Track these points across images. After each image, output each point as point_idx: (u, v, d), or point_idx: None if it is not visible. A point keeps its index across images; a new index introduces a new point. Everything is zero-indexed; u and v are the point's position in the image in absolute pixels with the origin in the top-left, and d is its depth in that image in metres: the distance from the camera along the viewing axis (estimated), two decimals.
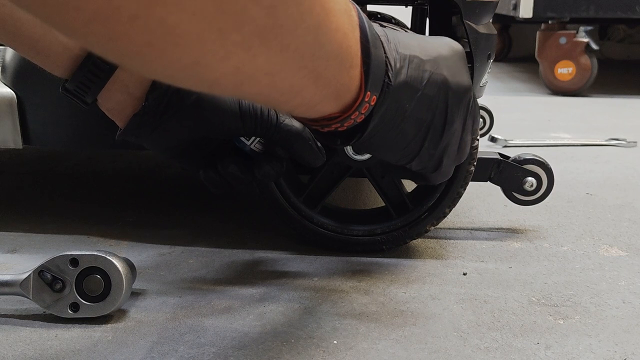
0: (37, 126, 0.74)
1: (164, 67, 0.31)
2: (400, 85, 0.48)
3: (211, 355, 0.54)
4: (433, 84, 0.51)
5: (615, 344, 0.57)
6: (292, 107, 0.43)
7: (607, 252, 0.78)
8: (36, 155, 1.24)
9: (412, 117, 0.51)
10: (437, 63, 0.51)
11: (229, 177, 0.59)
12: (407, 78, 0.49)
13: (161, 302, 0.63)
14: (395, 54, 0.48)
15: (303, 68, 0.37)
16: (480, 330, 0.59)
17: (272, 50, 0.33)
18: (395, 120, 0.50)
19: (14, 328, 0.58)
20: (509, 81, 2.60)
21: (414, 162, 0.55)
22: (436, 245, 0.80)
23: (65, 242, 0.79)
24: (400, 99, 0.49)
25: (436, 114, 0.52)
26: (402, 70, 0.48)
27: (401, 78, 0.48)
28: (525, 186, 0.80)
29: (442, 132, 0.53)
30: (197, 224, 0.86)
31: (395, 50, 0.48)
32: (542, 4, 2.06)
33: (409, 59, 0.49)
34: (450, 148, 0.55)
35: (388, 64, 0.47)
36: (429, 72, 0.50)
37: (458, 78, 0.53)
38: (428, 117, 0.52)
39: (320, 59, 0.38)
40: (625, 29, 3.13)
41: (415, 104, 0.50)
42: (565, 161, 1.26)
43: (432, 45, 0.53)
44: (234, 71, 0.33)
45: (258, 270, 0.72)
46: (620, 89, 2.39)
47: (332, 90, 0.42)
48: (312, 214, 0.75)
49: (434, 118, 0.52)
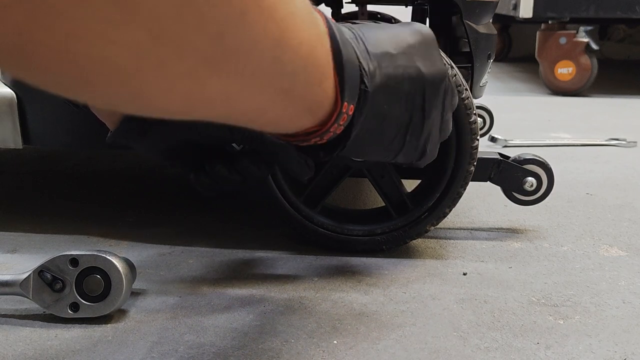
0: (37, 126, 0.74)
1: (102, 98, 0.29)
2: (377, 89, 0.47)
3: (211, 355, 0.54)
4: (407, 79, 0.50)
5: (615, 344, 0.57)
6: (260, 125, 0.41)
7: (607, 252, 0.78)
8: (36, 155, 1.24)
9: (391, 116, 0.50)
10: (409, 55, 0.50)
11: (217, 178, 0.59)
12: (383, 79, 0.48)
13: (161, 302, 0.63)
14: (367, 55, 0.47)
15: (266, 88, 0.35)
16: (480, 330, 0.59)
17: (225, 77, 0.31)
18: (375, 123, 0.49)
19: (14, 328, 0.58)
20: (509, 81, 2.60)
21: (398, 157, 0.54)
22: (436, 245, 0.80)
23: (65, 242, 0.79)
24: (379, 102, 0.48)
25: (415, 110, 0.51)
26: (376, 72, 0.47)
27: (377, 81, 0.47)
28: (526, 186, 0.80)
29: (422, 125, 0.53)
30: (197, 224, 0.86)
31: (366, 51, 0.47)
32: (542, 4, 2.06)
33: (381, 58, 0.48)
34: (432, 135, 0.54)
35: (362, 69, 0.46)
36: (402, 67, 0.49)
37: (432, 67, 0.51)
38: (407, 116, 0.51)
39: (285, 75, 0.36)
40: (625, 29, 3.13)
41: (392, 104, 0.49)
42: (565, 161, 1.26)
43: (402, 35, 0.51)
44: (182, 101, 0.31)
45: (258, 270, 0.72)
46: (620, 89, 2.39)
47: (305, 105, 0.41)
48: (312, 214, 0.75)
49: (412, 115, 0.51)
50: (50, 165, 1.17)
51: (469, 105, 0.70)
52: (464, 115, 0.70)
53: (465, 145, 0.71)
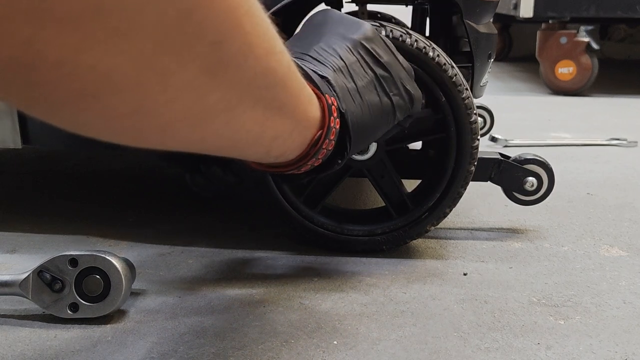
0: (36, 126, 0.74)
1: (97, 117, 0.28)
2: (333, 75, 0.51)
3: (211, 355, 0.54)
4: (346, 51, 0.54)
5: (616, 344, 0.56)
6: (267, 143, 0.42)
7: (608, 252, 0.78)
8: (36, 155, 1.24)
9: (362, 86, 0.54)
10: (332, 35, 0.55)
11: (213, 179, 0.59)
12: (330, 65, 0.52)
13: (161, 303, 0.63)
14: (303, 61, 0.51)
15: (262, 98, 0.37)
16: (480, 330, 0.59)
17: (223, 86, 0.32)
18: (356, 101, 0.53)
19: (13, 328, 0.58)
20: (510, 81, 2.60)
21: (397, 114, 0.57)
22: (436, 245, 0.80)
23: (64, 242, 0.79)
24: (344, 84, 0.52)
25: (372, 67, 0.55)
26: (319, 65, 0.51)
27: (328, 70, 0.51)
28: (526, 186, 0.80)
29: (389, 72, 0.56)
30: (197, 224, 0.86)
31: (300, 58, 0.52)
32: (542, 4, 2.06)
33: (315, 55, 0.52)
34: (402, 75, 0.57)
35: (309, 68, 0.50)
36: (335, 47, 0.53)
37: (355, 29, 0.56)
38: (371, 75, 0.55)
39: (278, 85, 0.38)
40: (626, 28, 3.12)
41: (353, 76, 0.53)
42: (565, 161, 1.26)
43: (316, 28, 0.56)
44: (183, 114, 0.31)
45: (258, 270, 0.71)
46: (620, 88, 2.39)
47: (300, 111, 0.44)
48: (312, 214, 0.74)
49: (374, 71, 0.55)
50: (49, 165, 1.17)
51: (470, 105, 0.70)
52: (465, 115, 0.70)
53: (466, 145, 0.71)
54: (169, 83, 0.28)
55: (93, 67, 0.24)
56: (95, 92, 0.26)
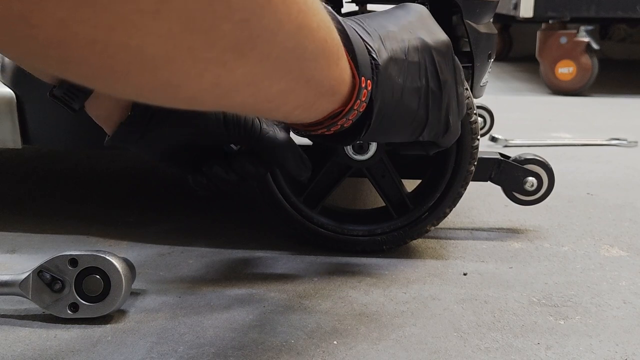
0: (36, 126, 0.74)
1: (131, 89, 0.30)
2: (387, 62, 0.49)
3: (211, 355, 0.54)
4: (414, 50, 0.52)
5: (616, 345, 0.56)
6: (286, 112, 0.42)
7: (608, 252, 0.78)
8: (36, 155, 1.24)
9: (408, 88, 0.52)
10: (410, 29, 0.53)
11: (214, 178, 0.59)
12: (390, 52, 0.50)
13: (161, 302, 0.63)
14: (368, 35, 0.49)
15: (289, 73, 0.37)
16: (480, 330, 0.59)
17: (251, 61, 0.32)
18: (395, 97, 0.51)
19: (13, 328, 0.58)
20: (510, 81, 2.60)
21: (425, 131, 0.55)
22: (436, 245, 0.80)
23: (64, 242, 0.79)
24: (391, 76, 0.50)
25: (428, 76, 0.53)
26: (381, 47, 0.49)
27: (384, 55, 0.49)
28: (526, 186, 0.80)
29: (440, 91, 0.54)
30: (197, 224, 0.86)
31: (366, 32, 0.49)
32: (542, 4, 2.06)
33: (383, 36, 0.50)
34: (452, 104, 0.56)
35: (367, 46, 0.48)
36: (406, 40, 0.52)
37: (434, 37, 0.54)
38: (422, 83, 0.53)
39: (307, 60, 0.37)
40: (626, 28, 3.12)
41: (406, 75, 0.51)
42: (565, 161, 1.26)
43: (398, 14, 0.54)
44: (210, 87, 0.32)
45: (258, 270, 0.71)
46: (621, 88, 2.39)
47: (326, 87, 0.42)
48: (312, 214, 0.74)
49: (428, 82, 0.53)
50: (49, 165, 1.17)
51: (470, 104, 0.70)
52: (465, 115, 0.70)
53: (466, 145, 0.71)
54: (197, 60, 0.29)
55: (124, 45, 0.26)
56: (126, 69, 0.28)
